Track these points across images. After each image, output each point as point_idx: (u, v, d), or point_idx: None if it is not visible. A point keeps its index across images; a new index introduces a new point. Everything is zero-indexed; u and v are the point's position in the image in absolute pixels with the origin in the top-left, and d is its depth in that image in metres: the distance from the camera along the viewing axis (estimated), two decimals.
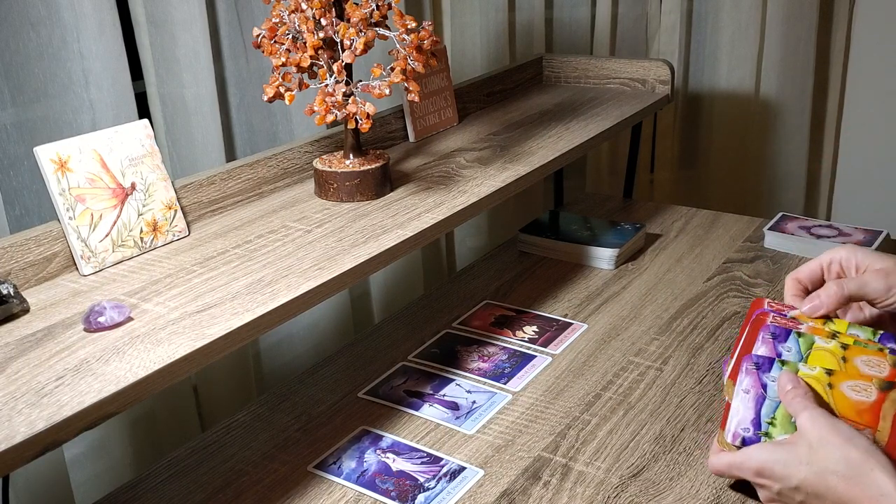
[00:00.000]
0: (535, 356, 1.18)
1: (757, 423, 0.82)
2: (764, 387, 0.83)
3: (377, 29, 1.06)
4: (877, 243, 1.38)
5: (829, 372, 0.82)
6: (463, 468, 0.96)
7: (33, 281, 0.91)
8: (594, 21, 2.00)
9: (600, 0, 1.97)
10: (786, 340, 0.86)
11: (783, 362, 0.84)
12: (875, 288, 0.87)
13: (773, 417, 0.82)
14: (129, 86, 1.28)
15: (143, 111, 1.33)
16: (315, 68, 1.06)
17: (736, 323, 1.24)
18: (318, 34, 1.04)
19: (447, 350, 1.21)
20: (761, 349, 0.86)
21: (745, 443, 0.82)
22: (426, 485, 0.94)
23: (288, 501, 0.93)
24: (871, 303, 0.89)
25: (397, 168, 1.24)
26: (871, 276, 0.88)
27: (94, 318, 0.80)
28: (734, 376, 0.85)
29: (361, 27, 1.04)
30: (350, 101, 1.04)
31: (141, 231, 0.99)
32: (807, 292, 0.92)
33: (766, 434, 0.81)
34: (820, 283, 0.93)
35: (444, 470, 0.96)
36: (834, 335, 0.86)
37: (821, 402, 0.80)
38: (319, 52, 1.05)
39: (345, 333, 1.69)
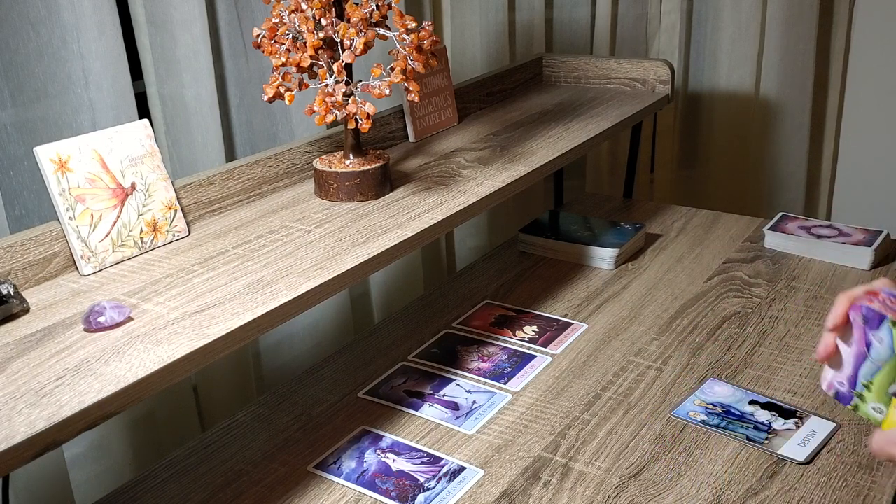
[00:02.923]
0: (535, 356, 1.18)
1: (853, 381, 0.80)
2: (868, 345, 0.79)
3: (377, 29, 1.06)
4: (876, 243, 1.37)
5: None
6: (463, 468, 0.96)
7: (33, 281, 0.91)
8: (594, 21, 2.00)
9: (600, 0, 1.97)
10: (878, 327, 0.80)
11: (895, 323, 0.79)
12: None
13: (870, 381, 0.79)
14: (129, 86, 1.28)
15: (143, 111, 1.33)
16: (315, 68, 1.06)
17: (736, 323, 1.24)
18: (318, 34, 1.04)
19: (447, 350, 1.21)
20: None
21: (837, 397, 0.80)
22: (426, 485, 0.94)
23: (288, 501, 0.93)
24: None
25: (397, 168, 1.24)
26: None
27: (94, 318, 0.80)
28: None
29: (361, 27, 1.04)
30: (350, 101, 1.04)
31: (141, 231, 0.99)
32: None
33: (860, 396, 0.79)
34: None
35: (444, 470, 0.96)
36: None
37: None
38: (319, 52, 1.05)
39: (345, 333, 1.69)
